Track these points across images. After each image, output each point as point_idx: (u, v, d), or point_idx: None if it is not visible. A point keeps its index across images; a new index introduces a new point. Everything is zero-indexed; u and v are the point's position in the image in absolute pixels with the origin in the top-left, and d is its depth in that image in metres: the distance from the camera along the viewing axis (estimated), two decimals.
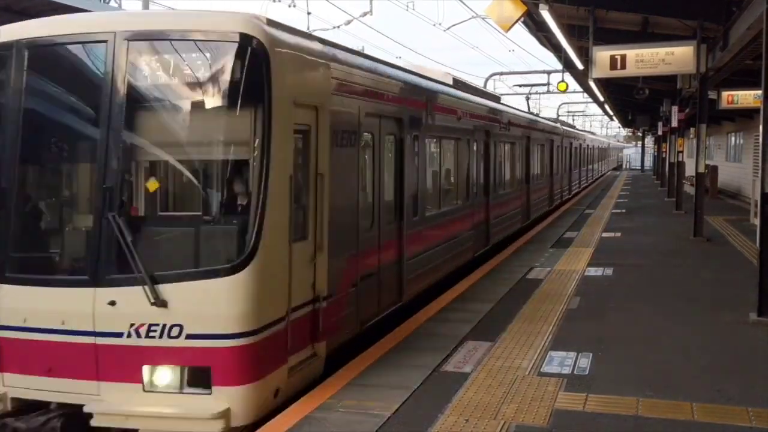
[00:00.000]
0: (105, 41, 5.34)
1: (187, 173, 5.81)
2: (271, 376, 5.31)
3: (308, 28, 18.61)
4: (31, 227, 5.76)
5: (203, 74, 5.35)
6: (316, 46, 6.42)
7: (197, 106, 5.43)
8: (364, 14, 20.02)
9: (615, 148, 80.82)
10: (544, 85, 33.57)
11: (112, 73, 5.29)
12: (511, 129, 15.71)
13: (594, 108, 48.47)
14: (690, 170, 26.83)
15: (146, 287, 5.04)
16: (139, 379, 5.13)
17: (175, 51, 5.38)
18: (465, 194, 11.90)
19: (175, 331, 5.07)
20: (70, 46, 5.62)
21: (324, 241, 6.18)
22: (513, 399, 5.59)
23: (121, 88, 5.28)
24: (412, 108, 9.01)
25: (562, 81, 21.77)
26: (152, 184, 5.71)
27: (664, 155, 34.27)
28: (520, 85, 36.51)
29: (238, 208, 5.45)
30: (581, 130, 34.79)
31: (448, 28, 26.10)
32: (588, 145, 38.60)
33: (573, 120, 55.01)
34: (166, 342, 5.09)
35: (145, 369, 5.12)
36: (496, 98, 16.90)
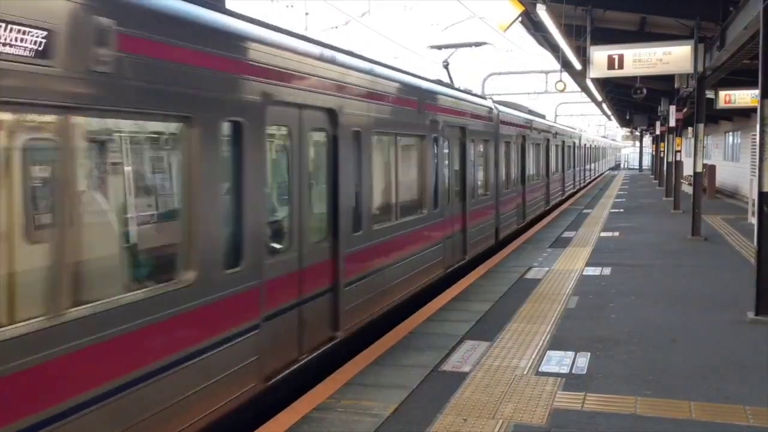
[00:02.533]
0: None
1: None
2: None
3: (306, 29, 18.62)
4: None
5: None
6: None
7: None
8: (363, 14, 20.06)
9: (612, 148, 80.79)
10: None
11: None
12: (495, 126, 14.41)
13: (593, 107, 48.41)
14: (688, 169, 26.86)
15: None
16: None
17: None
18: (433, 201, 10.19)
19: None
20: None
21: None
22: (511, 398, 5.60)
23: None
24: (352, 97, 7.33)
25: (560, 81, 21.75)
26: None
27: (661, 155, 34.31)
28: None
29: None
30: (561, 125, 31.20)
31: (446, 28, 26.11)
32: (583, 145, 37.39)
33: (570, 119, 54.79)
34: None
35: None
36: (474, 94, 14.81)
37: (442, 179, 10.64)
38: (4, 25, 3.35)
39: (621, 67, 13.58)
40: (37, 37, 3.52)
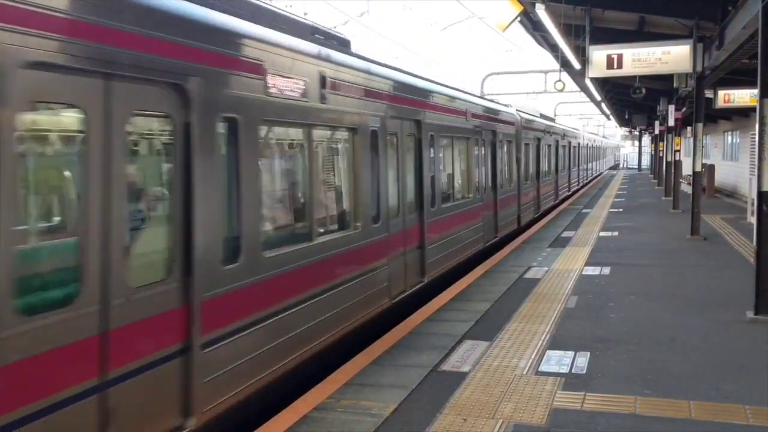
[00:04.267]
0: None
1: None
2: None
3: None
4: None
5: None
6: None
7: None
8: (362, 14, 20.07)
9: (612, 147, 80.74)
10: None
11: None
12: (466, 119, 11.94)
13: (592, 107, 48.41)
14: (687, 169, 26.90)
15: None
16: None
17: None
18: (374, 212, 7.96)
19: None
20: None
21: None
22: (511, 398, 5.60)
23: None
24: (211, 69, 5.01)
25: (559, 81, 21.76)
26: None
27: (660, 154, 34.32)
28: None
29: None
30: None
31: (444, 28, 26.15)
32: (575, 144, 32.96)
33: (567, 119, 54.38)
34: None
35: None
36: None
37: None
38: None
39: (620, 66, 13.59)
40: None
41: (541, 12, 11.05)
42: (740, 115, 24.25)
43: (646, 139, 58.86)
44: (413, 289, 9.33)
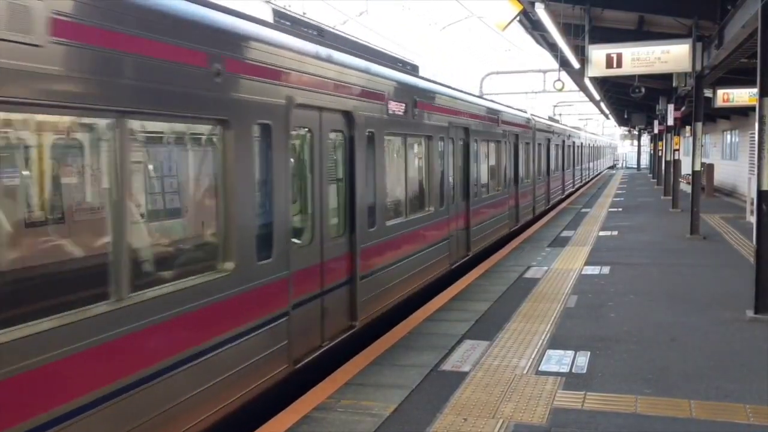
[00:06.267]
0: None
1: None
2: None
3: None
4: None
5: None
6: None
7: None
8: (360, 14, 20.07)
9: (607, 147, 79.86)
10: None
11: None
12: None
13: (590, 107, 48.30)
14: (686, 168, 26.92)
15: None
16: None
17: None
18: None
19: None
20: None
21: None
22: (511, 398, 5.60)
23: None
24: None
25: (558, 80, 21.75)
26: None
27: (660, 154, 34.33)
28: None
29: None
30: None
31: (444, 28, 26.13)
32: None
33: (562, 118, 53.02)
34: None
35: None
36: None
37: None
38: None
39: (619, 66, 13.59)
40: None
41: (541, 11, 11.05)
42: (739, 114, 24.26)
43: (645, 139, 58.79)
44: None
